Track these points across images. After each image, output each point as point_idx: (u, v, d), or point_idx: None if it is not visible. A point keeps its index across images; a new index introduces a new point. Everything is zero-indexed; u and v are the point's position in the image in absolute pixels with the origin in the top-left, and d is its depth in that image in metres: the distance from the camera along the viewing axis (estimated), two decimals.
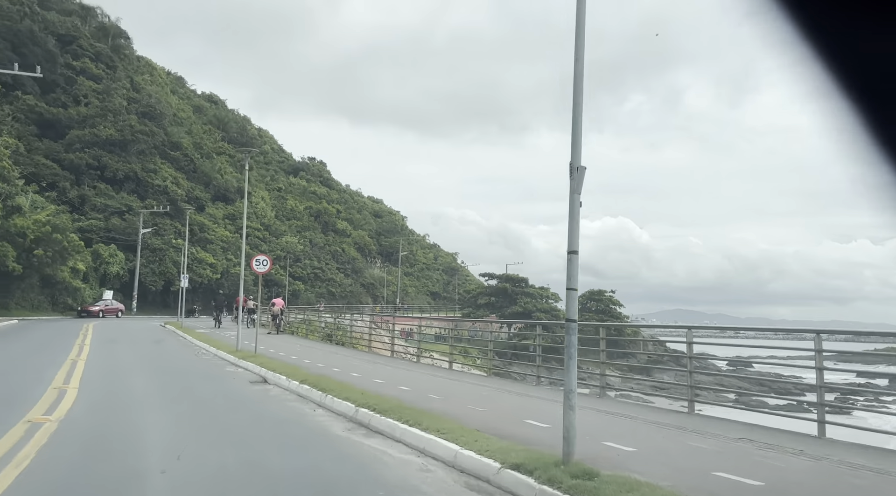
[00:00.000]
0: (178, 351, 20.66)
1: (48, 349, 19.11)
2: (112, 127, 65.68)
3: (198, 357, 18.77)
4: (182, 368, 15.49)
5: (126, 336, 26.36)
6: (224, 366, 16.14)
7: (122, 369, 14.56)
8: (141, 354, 18.47)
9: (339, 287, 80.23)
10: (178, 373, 14.32)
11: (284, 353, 18.76)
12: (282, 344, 22.94)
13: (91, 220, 58.29)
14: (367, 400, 9.13)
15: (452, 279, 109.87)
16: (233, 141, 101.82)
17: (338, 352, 20.78)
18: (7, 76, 65.30)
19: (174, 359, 17.94)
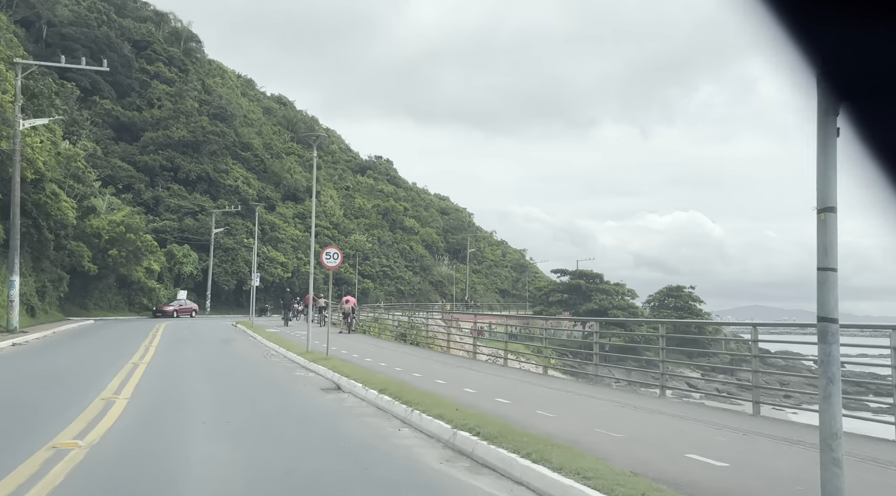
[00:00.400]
0: (247, 352, 19.43)
1: (113, 350, 18.19)
2: (184, 128, 66.53)
3: (266, 359, 17.42)
4: (248, 373, 14.07)
5: (195, 336, 25.52)
6: (293, 370, 14.66)
7: (183, 374, 13.23)
8: (207, 356, 17.26)
9: (407, 285, 79.16)
10: (244, 379, 12.87)
11: (358, 355, 17.19)
12: (354, 344, 21.46)
13: (165, 221, 59.01)
14: (464, 418, 7.29)
15: (521, 276, 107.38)
16: (301, 141, 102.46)
17: (414, 354, 19.10)
18: (85, 82, 67.20)
19: (241, 361, 16.62)
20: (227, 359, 17.07)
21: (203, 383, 11.93)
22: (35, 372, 13.32)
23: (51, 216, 30.36)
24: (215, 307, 59.31)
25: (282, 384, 12.37)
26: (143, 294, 51.97)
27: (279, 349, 19.30)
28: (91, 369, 13.59)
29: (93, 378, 11.86)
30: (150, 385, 11.08)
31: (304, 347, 18.52)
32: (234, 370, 14.49)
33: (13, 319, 23.11)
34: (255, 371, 14.52)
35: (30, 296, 29.78)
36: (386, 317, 34.82)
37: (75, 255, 36.03)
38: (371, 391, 10.14)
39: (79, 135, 54.80)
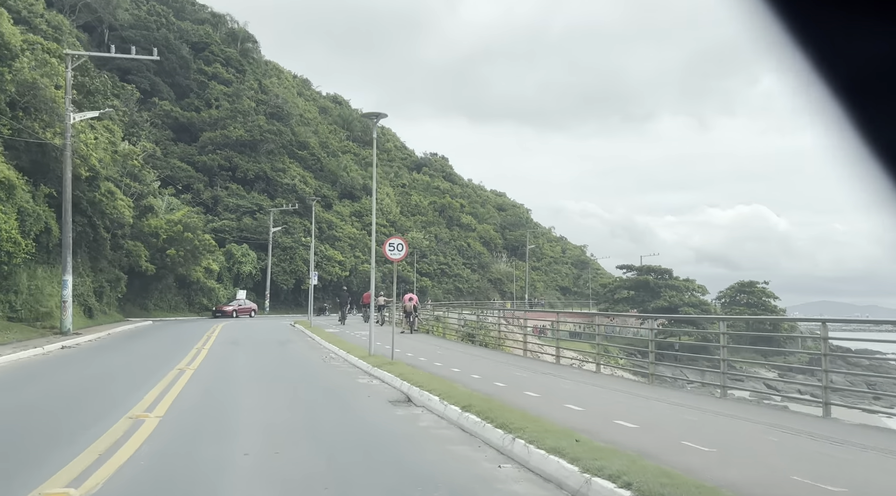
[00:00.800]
0: (304, 355, 17.84)
1: (163, 354, 16.88)
2: (241, 128, 66.40)
3: (325, 363, 15.75)
4: (305, 381, 12.35)
5: (251, 337, 24.21)
6: (356, 376, 12.90)
7: (231, 384, 11.61)
8: (260, 361, 15.70)
9: (465, 283, 77.31)
10: (299, 388, 11.14)
11: (425, 359, 15.34)
12: (418, 346, 19.64)
13: (224, 221, 58.80)
14: (593, 455, 5.27)
15: (582, 273, 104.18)
16: (357, 140, 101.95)
17: (487, 357, 17.13)
18: (145, 84, 67.86)
19: (297, 367, 14.98)
20: (282, 364, 15.46)
21: (252, 396, 10.24)
22: (70, 380, 11.96)
23: (106, 215, 29.66)
24: (274, 307, 58.79)
25: (343, 395, 10.58)
26: (203, 294, 51.68)
27: (339, 351, 17.64)
28: (132, 376, 12.14)
29: (129, 388, 10.34)
30: (190, 398, 9.46)
31: (366, 350, 16.81)
32: (290, 377, 12.81)
33: (66, 321, 22.22)
34: (312, 378, 12.81)
35: (87, 297, 29.14)
36: (447, 315, 33.06)
37: (133, 255, 35.48)
38: (451, 407, 8.21)
39: (138, 136, 55.04)
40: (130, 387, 10.54)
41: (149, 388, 10.17)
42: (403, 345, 19.48)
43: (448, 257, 77.80)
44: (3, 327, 20.84)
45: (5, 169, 20.37)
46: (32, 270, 25.46)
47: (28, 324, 23.68)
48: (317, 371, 13.96)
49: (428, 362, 14.52)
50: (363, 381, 12.16)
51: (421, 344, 20.48)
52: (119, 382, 11.34)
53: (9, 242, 19.35)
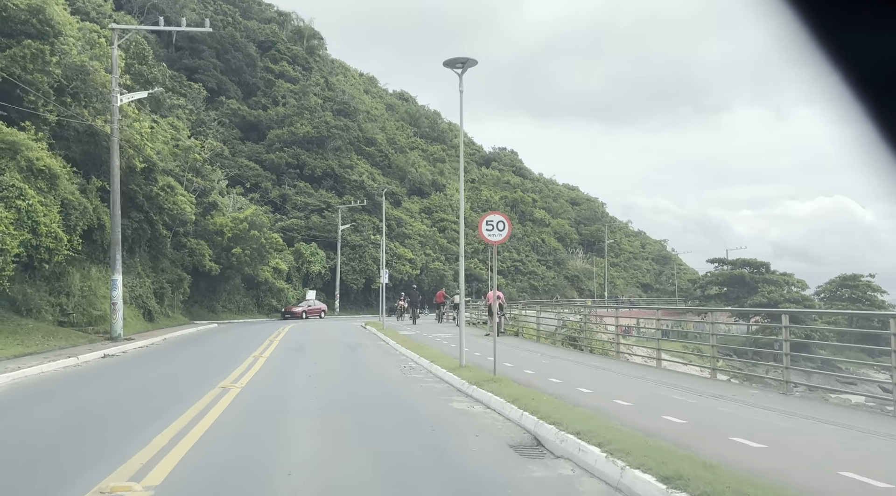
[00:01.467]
0: (379, 365, 14.80)
1: (213, 364, 14.19)
2: (308, 124, 64.74)
3: (405, 375, 12.63)
4: (381, 405, 9.19)
5: (318, 341, 21.43)
6: (448, 398, 9.68)
7: (283, 411, 8.51)
8: (325, 374, 12.70)
9: (541, 280, 73.40)
10: (373, 420, 7.99)
11: (533, 372, 12.00)
12: (515, 353, 16.30)
13: (292, 219, 57.11)
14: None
15: (664, 269, 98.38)
16: (424, 136, 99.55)
17: (608, 368, 13.58)
18: (212, 82, 67.12)
19: (370, 382, 11.85)
20: (351, 377, 12.38)
21: (307, 436, 7.09)
22: (76, 406, 9.22)
23: (165, 210, 27.63)
24: (344, 307, 56.67)
25: (440, 434, 7.32)
26: (272, 295, 49.90)
27: (420, 360, 14.53)
28: (161, 398, 9.32)
29: (147, 419, 7.47)
30: (222, 437, 6.47)
31: (452, 358, 13.66)
32: (360, 397, 9.69)
33: (116, 325, 20.00)
34: (389, 399, 9.65)
35: (146, 299, 27.16)
36: (534, 314, 29.60)
37: (196, 254, 33.57)
38: (630, 471, 4.86)
39: (205, 134, 53.92)
40: (151, 414, 7.68)
41: (171, 419, 7.27)
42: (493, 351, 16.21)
43: (521, 254, 74.09)
44: (49, 333, 18.74)
45: (46, 156, 18.22)
46: (86, 270, 23.53)
47: (79, 330, 21.69)
48: (396, 388, 10.80)
49: (539, 377, 11.18)
50: (460, 406, 8.93)
51: (515, 350, 17.14)
52: (137, 409, 8.47)
53: (49, 237, 17.13)
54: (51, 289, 21.96)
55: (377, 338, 23.05)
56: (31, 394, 9.96)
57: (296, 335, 24.31)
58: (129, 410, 8.58)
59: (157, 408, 8.40)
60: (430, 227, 68.47)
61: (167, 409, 8.12)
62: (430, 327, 29.81)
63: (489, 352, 15.51)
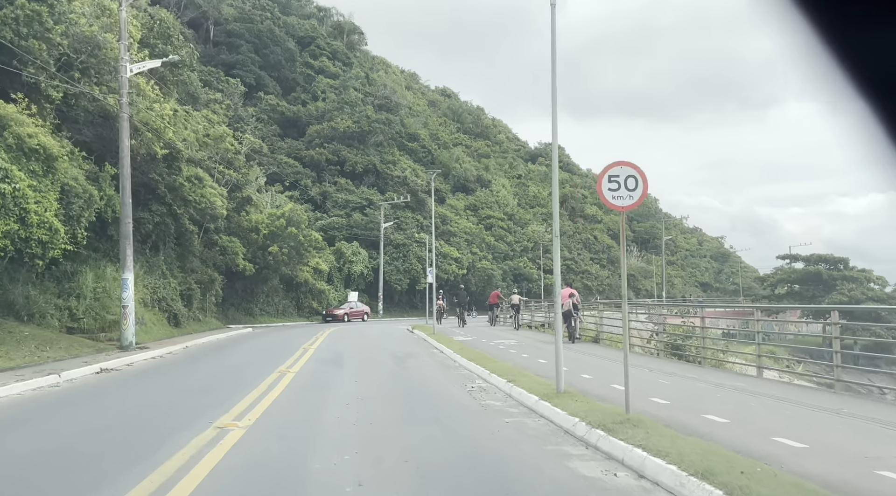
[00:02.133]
0: (436, 384, 11.51)
1: (223, 384, 11.15)
2: (349, 119, 62.10)
3: (476, 401, 9.30)
4: (454, 463, 5.80)
5: (360, 350, 18.26)
6: (559, 452, 6.26)
7: (298, 478, 5.22)
8: (369, 398, 9.42)
9: (595, 279, 69.25)
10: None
11: (665, 399, 8.49)
12: (613, 367, 12.78)
13: (333, 218, 54.46)
14: None
15: (723, 267, 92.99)
16: (468, 132, 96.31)
17: (758, 391, 9.93)
18: (250, 78, 65.09)
19: (430, 413, 8.44)
20: (404, 408, 9.00)
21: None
22: (16, 453, 6.13)
23: (191, 203, 24.92)
24: (388, 309, 53.73)
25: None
26: (312, 297, 47.22)
27: (491, 377, 11.20)
28: (119, 450, 6.16)
29: (97, 477, 4.31)
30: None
31: (537, 377, 10.29)
32: (422, 455, 6.29)
33: (127, 332, 17.21)
34: (470, 455, 6.23)
35: (171, 302, 24.46)
36: (602, 316, 25.99)
37: (228, 253, 30.87)
38: None
39: (243, 130, 51.66)
40: (100, 474, 4.52)
41: (139, 477, 4.10)
42: (584, 365, 12.75)
43: (573, 252, 70.09)
44: (48, 341, 16.00)
45: (41, 134, 15.46)
46: (101, 269, 20.88)
47: (89, 336, 18.98)
48: (473, 433, 7.34)
49: (681, 410, 7.69)
50: (588, 469, 5.52)
51: (611, 363, 13.64)
52: (61, 481, 5.27)
53: (41, 228, 14.35)
54: (60, 290, 19.34)
55: (428, 345, 19.77)
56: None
57: (335, 341, 21.24)
58: (67, 469, 5.42)
59: (103, 470, 5.22)
60: (475, 224, 65.11)
61: (116, 474, 4.95)
62: (483, 331, 26.45)
63: (575, 366, 12.10)
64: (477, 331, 26.38)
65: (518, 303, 27.88)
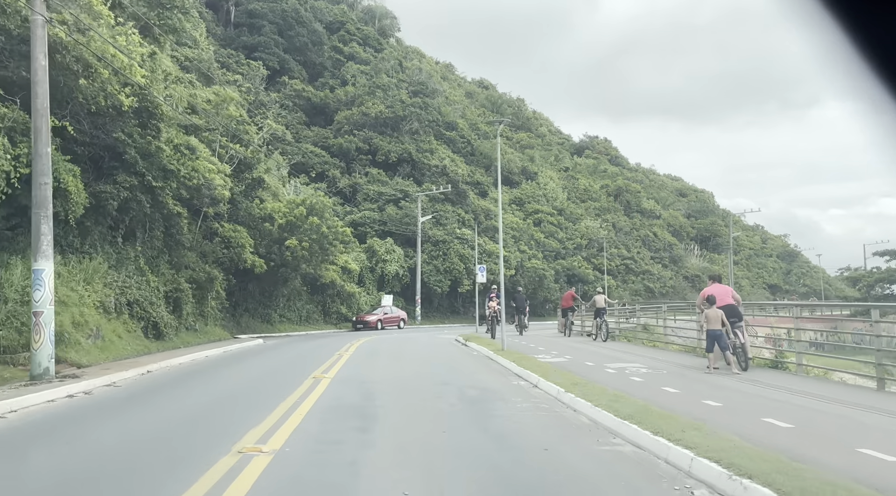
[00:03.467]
0: (552, 453, 4.98)
1: (205, 424, 4.74)
2: (381, 103, 56.07)
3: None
4: None
5: (400, 380, 11.83)
6: None
7: None
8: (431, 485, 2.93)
9: (657, 281, 61.92)
10: None
11: None
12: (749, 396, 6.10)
13: (364, 212, 48.38)
14: None
15: (791, 267, 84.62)
16: (508, 123, 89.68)
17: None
18: (273, 61, 59.53)
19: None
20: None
21: None
22: None
23: (175, 176, 18.83)
24: (426, 314, 47.41)
25: None
26: (341, 300, 41.17)
27: (662, 444, 4.67)
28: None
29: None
30: None
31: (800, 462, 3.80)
32: None
33: (40, 355, 11.12)
34: None
35: (149, 306, 18.39)
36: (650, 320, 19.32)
37: (233, 245, 24.83)
38: None
39: (265, 116, 45.97)
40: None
41: None
42: (710, 388, 6.16)
43: (632, 250, 62.86)
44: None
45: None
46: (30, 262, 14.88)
47: (10, 357, 13.00)
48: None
49: None
50: None
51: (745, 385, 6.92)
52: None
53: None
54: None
55: (502, 370, 13.23)
56: None
57: (363, 362, 14.92)
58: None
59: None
60: (523, 219, 58.48)
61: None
62: (561, 344, 19.87)
63: (771, 413, 5.55)
64: (552, 344, 19.82)
65: (604, 307, 21.19)
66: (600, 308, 21.10)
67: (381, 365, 14.62)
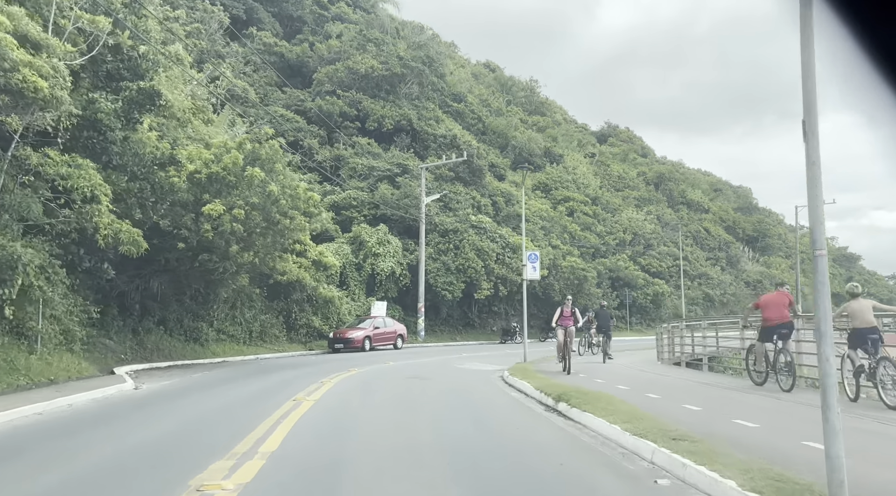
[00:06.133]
0: None
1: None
2: (374, 58, 44.03)
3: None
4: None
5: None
6: None
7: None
8: None
9: (716, 287, 49.82)
10: None
11: None
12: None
13: (350, 191, 36.26)
14: None
15: (851, 272, 72.89)
16: (520, 104, 77.92)
17: None
18: (238, 8, 47.64)
19: None
20: None
21: None
22: None
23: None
24: (432, 328, 35.28)
25: None
26: (313, 308, 29.09)
27: None
28: None
29: None
30: None
31: None
32: None
33: None
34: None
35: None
36: None
37: (72, 198, 12.57)
38: None
39: (219, 69, 34.04)
40: None
41: None
42: None
43: (686, 249, 50.80)
44: None
45: None
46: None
47: None
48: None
49: None
50: None
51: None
52: None
53: None
54: None
55: None
56: None
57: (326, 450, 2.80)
58: None
59: None
60: (552, 206, 46.49)
61: None
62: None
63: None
64: (692, 392, 7.79)
65: None
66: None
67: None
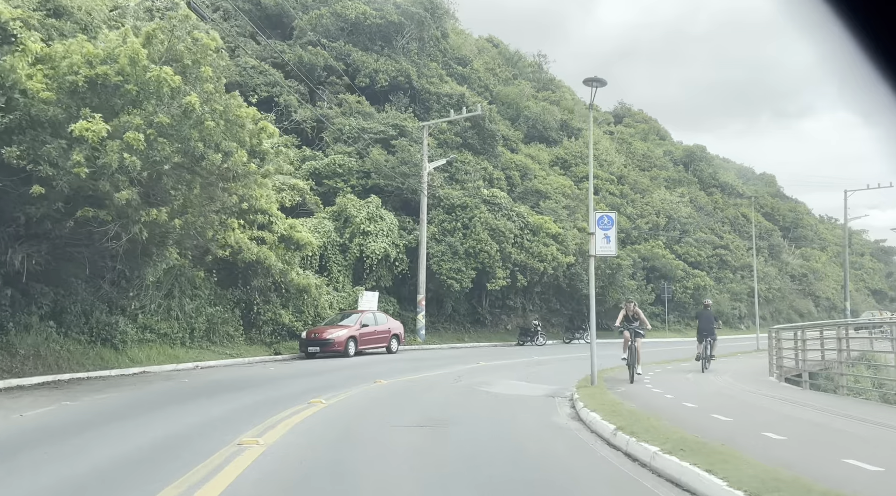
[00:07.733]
0: None
1: None
2: (365, 4, 37.06)
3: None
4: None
5: None
6: None
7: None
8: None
9: (761, 281, 43.08)
10: None
11: None
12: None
13: (334, 156, 29.34)
14: None
15: (891, 268, 66.44)
16: (528, 78, 71.14)
17: None
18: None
19: None
20: None
21: None
22: None
23: None
24: (434, 326, 28.42)
25: None
26: (282, 300, 22.24)
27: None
28: None
29: None
30: None
31: None
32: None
33: None
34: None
35: None
36: None
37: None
38: None
39: (175, 7, 26.90)
40: None
41: None
42: None
43: (725, 238, 44.03)
44: None
45: None
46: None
47: None
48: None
49: None
50: None
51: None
52: None
53: None
54: None
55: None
56: None
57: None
58: None
59: None
60: (576, 182, 39.76)
61: None
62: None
63: None
64: None
65: None
66: None
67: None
